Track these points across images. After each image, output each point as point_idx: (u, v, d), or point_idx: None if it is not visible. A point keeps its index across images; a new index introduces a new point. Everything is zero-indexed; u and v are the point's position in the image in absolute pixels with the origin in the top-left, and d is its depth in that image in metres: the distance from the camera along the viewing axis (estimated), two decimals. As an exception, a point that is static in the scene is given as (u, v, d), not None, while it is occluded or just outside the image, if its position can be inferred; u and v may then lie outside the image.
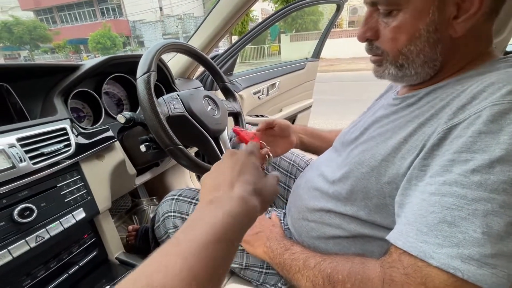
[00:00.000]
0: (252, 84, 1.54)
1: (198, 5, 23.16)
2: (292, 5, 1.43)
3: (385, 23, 0.41)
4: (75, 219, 0.59)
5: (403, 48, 0.40)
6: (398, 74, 0.44)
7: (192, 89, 0.93)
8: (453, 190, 0.30)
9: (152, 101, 0.56)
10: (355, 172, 0.46)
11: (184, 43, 0.74)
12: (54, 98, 0.64)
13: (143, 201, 1.29)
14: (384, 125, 0.47)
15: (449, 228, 0.30)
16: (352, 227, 0.47)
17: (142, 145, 0.66)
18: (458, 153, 0.32)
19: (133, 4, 21.10)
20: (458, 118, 0.34)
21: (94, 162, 0.67)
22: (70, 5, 22.16)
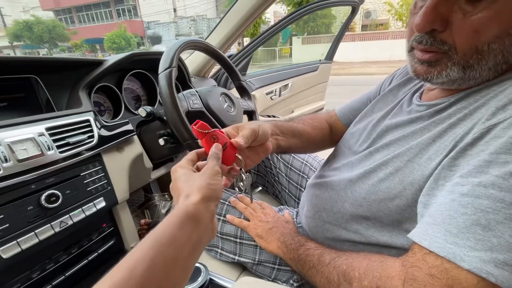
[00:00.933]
0: (265, 84, 1.55)
1: (211, 7, 23.45)
2: (307, 7, 1.44)
3: (467, 11, 0.33)
4: (96, 208, 0.61)
5: (484, 44, 0.33)
6: (456, 77, 0.37)
7: (209, 87, 0.95)
8: (489, 193, 0.29)
9: (173, 96, 0.58)
10: (379, 173, 0.44)
11: (203, 41, 0.76)
12: (80, 91, 0.67)
13: (155, 196, 1.31)
14: (408, 129, 0.45)
15: (482, 231, 0.28)
16: (370, 233, 0.45)
17: (160, 139, 0.68)
18: (496, 154, 0.30)
19: (148, 5, 21.58)
20: (497, 118, 0.32)
21: (114, 154, 0.69)
22: (88, 6, 22.86)
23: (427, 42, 0.37)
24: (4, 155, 0.47)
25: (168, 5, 22.81)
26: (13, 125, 0.52)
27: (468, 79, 0.37)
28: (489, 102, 0.35)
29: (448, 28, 0.35)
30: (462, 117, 0.37)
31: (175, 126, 0.59)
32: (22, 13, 25.06)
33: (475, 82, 0.38)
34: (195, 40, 0.72)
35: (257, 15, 0.99)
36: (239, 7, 0.98)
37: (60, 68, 0.69)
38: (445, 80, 0.38)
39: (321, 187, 0.59)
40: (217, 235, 0.68)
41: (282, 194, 0.90)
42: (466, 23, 0.33)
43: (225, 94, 0.77)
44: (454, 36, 0.35)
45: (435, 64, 0.38)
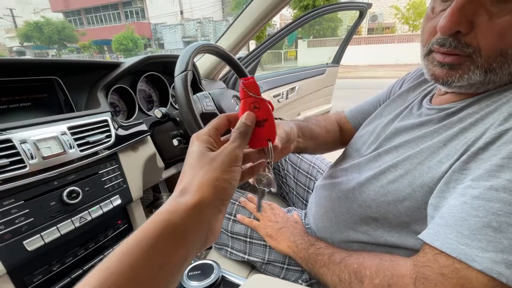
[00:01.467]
0: (272, 87, 1.57)
1: (217, 10, 23.64)
2: (315, 11, 1.46)
3: (493, 13, 0.33)
4: (113, 204, 0.63)
5: (509, 48, 0.33)
6: (477, 81, 0.37)
7: (221, 89, 0.97)
8: (500, 196, 0.30)
9: (188, 98, 0.60)
10: (388, 175, 0.45)
11: (216, 45, 0.78)
12: (98, 92, 0.70)
13: (164, 196, 1.34)
14: (417, 131, 0.45)
15: (494, 233, 0.29)
16: (378, 234, 0.46)
17: (174, 140, 0.71)
18: (508, 159, 0.31)
19: (155, 7, 21.85)
20: (509, 124, 0.32)
21: (130, 153, 0.72)
22: (96, 8, 23.26)
23: (451, 45, 0.36)
24: (30, 152, 0.50)
25: (175, 7, 23.07)
26: (37, 124, 0.54)
27: (488, 83, 0.37)
28: (501, 108, 0.35)
29: (473, 31, 0.34)
30: (474, 121, 0.37)
31: (190, 126, 0.61)
32: (33, 14, 25.59)
33: (493, 86, 0.38)
34: (209, 44, 0.75)
35: (268, 19, 1.01)
36: (250, 11, 1.01)
37: (80, 70, 0.72)
38: (465, 84, 0.38)
39: (329, 188, 0.59)
40: (227, 234, 0.70)
41: (289, 195, 0.91)
42: (492, 26, 0.33)
43: (236, 96, 0.79)
44: (479, 39, 0.34)
45: (457, 67, 0.37)
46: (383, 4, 15.45)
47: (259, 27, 1.04)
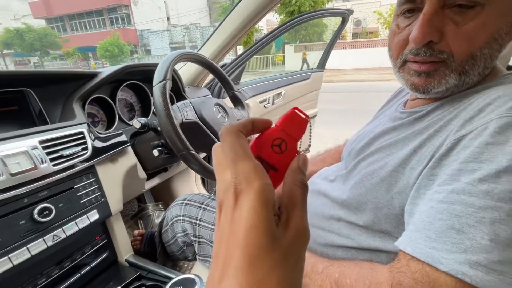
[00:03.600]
0: (258, 93, 1.57)
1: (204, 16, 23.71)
2: (299, 17, 1.48)
3: (459, 21, 0.35)
4: (89, 220, 0.61)
5: (477, 51, 0.36)
6: (453, 85, 0.39)
7: (203, 97, 0.96)
8: (461, 199, 0.31)
9: (167, 108, 0.59)
10: (366, 183, 0.46)
11: (197, 53, 0.77)
12: (73, 103, 0.67)
13: (149, 206, 1.30)
14: (392, 137, 0.47)
15: (457, 234, 0.30)
16: (362, 239, 0.46)
17: (155, 150, 0.69)
18: (466, 163, 0.32)
19: (141, 13, 21.68)
20: (465, 130, 0.34)
21: (108, 165, 0.69)
22: (80, 14, 22.83)
23: (426, 53, 0.38)
24: (-4, 169, 0.47)
25: (161, 14, 22.97)
26: (6, 139, 0.51)
27: (462, 85, 0.39)
28: (460, 114, 0.37)
29: (444, 39, 0.37)
30: (438, 128, 0.39)
31: (170, 137, 0.60)
32: (13, 21, 24.84)
33: (465, 86, 0.40)
34: (189, 52, 0.74)
35: (250, 26, 1.02)
36: (232, 19, 1.01)
37: (54, 80, 0.69)
38: (443, 89, 0.40)
39: (314, 194, 0.60)
40: (211, 245, 0.68)
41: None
42: (459, 32, 0.36)
43: (218, 104, 0.78)
44: (450, 45, 0.37)
45: (433, 73, 0.39)
46: (366, 10, 15.93)
47: (242, 34, 1.04)
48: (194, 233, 0.70)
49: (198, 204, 0.73)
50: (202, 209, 0.71)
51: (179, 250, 0.80)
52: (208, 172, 0.65)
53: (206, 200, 0.74)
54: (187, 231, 0.72)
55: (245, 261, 0.16)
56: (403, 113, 0.49)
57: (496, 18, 0.35)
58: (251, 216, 0.17)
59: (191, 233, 0.71)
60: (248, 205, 0.17)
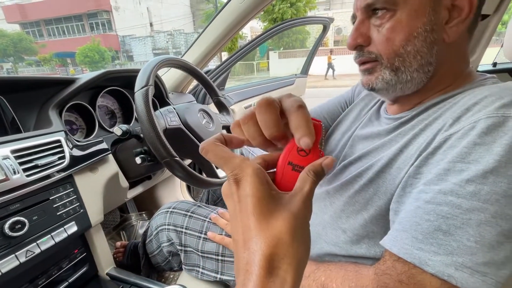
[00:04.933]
0: (243, 98, 1.58)
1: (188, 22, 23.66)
2: (281, 24, 1.51)
3: (379, 26, 0.41)
4: (67, 233, 0.57)
5: (399, 48, 0.40)
6: (392, 80, 0.42)
7: (187, 103, 0.95)
8: (448, 200, 0.31)
9: (150, 114, 0.57)
10: (354, 185, 0.46)
11: (180, 59, 0.77)
12: (50, 111, 0.64)
13: (132, 216, 1.26)
14: (377, 141, 0.47)
15: (444, 236, 0.30)
16: (348, 246, 0.46)
17: (137, 157, 0.67)
18: (453, 163, 0.32)
19: (123, 19, 21.30)
20: (453, 129, 0.35)
21: (88, 174, 0.66)
22: (58, 19, 22.07)
23: (359, 55, 0.44)
24: (-38, 181, 0.44)
25: (144, 20, 22.68)
26: (-27, 149, 0.48)
27: (405, 81, 0.42)
28: (445, 114, 0.38)
29: (372, 43, 0.42)
30: (423, 127, 0.40)
31: (153, 144, 0.58)
32: (-16, 26, 23.60)
33: (412, 84, 0.43)
34: (172, 58, 0.73)
35: (234, 33, 1.02)
36: (216, 25, 1.01)
37: (28, 87, 0.66)
38: (384, 85, 0.43)
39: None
40: (198, 254, 0.66)
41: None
42: (380, 35, 0.41)
43: (203, 110, 0.77)
44: (377, 47, 0.42)
45: (372, 71, 0.44)
46: (347, 18, 16.50)
47: (225, 40, 1.04)
48: (180, 241, 0.68)
49: (184, 211, 0.71)
50: (187, 217, 0.70)
51: (164, 260, 0.77)
52: (193, 178, 0.64)
53: (192, 207, 0.72)
54: (172, 240, 0.70)
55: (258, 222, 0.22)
56: (388, 119, 0.50)
57: (408, 20, 0.39)
58: (251, 189, 0.23)
59: (176, 242, 0.69)
60: (247, 183, 0.23)
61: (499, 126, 0.31)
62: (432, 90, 0.44)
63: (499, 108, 0.32)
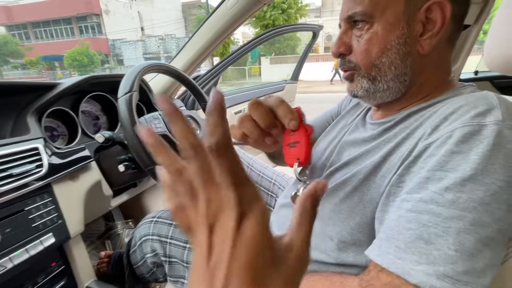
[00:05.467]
0: (233, 104, 1.57)
1: (180, 27, 23.66)
2: (272, 31, 1.52)
3: (359, 36, 0.43)
4: (43, 245, 0.54)
5: (375, 59, 0.42)
6: (370, 89, 0.44)
7: (174, 109, 0.93)
8: (428, 208, 0.31)
9: (133, 121, 0.56)
10: (339, 192, 0.46)
11: (166, 64, 0.75)
12: (28, 117, 0.62)
13: (118, 225, 1.22)
14: (363, 147, 0.48)
15: (425, 245, 0.30)
16: (336, 254, 0.46)
17: (120, 165, 0.65)
18: (433, 171, 0.33)
19: (113, 23, 21.10)
20: (432, 138, 0.35)
21: (68, 183, 0.64)
22: (46, 22, 21.66)
23: (343, 64, 0.46)
24: None
25: (135, 24, 22.54)
26: None
27: (382, 90, 0.44)
28: (425, 122, 0.39)
29: (353, 52, 0.44)
30: (406, 136, 0.41)
31: (136, 151, 0.57)
32: (-32, 28, 22.90)
33: (390, 92, 0.45)
34: (158, 63, 0.72)
35: (223, 38, 1.02)
36: (205, 30, 1.01)
37: (4, 92, 0.63)
38: (364, 93, 0.46)
39: (290, 207, 0.59)
40: (183, 265, 0.64)
41: (252, 215, 0.89)
42: (359, 45, 0.43)
43: (190, 116, 0.76)
44: (356, 57, 0.44)
45: (352, 79, 0.46)
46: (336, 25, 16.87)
47: (215, 46, 1.04)
48: (164, 252, 0.66)
49: (169, 221, 0.69)
50: (173, 226, 0.68)
51: (149, 271, 0.75)
52: (179, 186, 0.62)
53: (177, 216, 0.70)
54: (156, 251, 0.68)
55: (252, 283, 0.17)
56: (372, 124, 0.51)
57: (383, 33, 0.41)
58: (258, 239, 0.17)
59: (160, 253, 0.67)
60: (255, 228, 0.17)
61: (474, 135, 0.32)
62: (414, 97, 0.45)
63: (474, 117, 0.33)
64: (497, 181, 0.30)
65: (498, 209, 0.30)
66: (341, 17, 0.46)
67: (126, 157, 0.69)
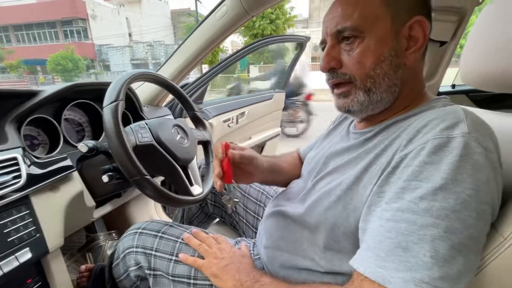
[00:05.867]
0: (222, 112, 1.57)
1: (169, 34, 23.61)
2: (261, 41, 1.55)
3: (349, 50, 0.44)
4: (19, 261, 0.51)
5: (370, 71, 0.43)
6: (365, 102, 0.46)
7: (161, 118, 0.92)
8: (405, 216, 0.33)
9: (118, 131, 0.55)
10: (324, 201, 0.47)
11: (154, 73, 0.75)
12: (6, 126, 0.59)
13: (100, 236, 1.17)
14: (346, 156, 0.50)
15: (403, 253, 0.32)
16: (323, 262, 0.47)
17: (104, 175, 0.63)
18: (408, 181, 0.35)
19: (100, 28, 20.78)
20: (407, 149, 0.38)
21: (47, 194, 0.61)
22: (29, 25, 21.03)
23: (332, 77, 0.47)
24: None
25: (123, 30, 22.29)
26: None
27: (375, 102, 0.46)
28: (401, 134, 0.41)
29: (344, 65, 0.46)
30: (384, 147, 0.43)
31: (121, 161, 0.55)
32: None
33: (382, 103, 0.46)
34: (145, 72, 0.71)
35: (211, 48, 1.03)
36: (193, 40, 1.01)
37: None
38: (359, 107, 0.46)
39: (279, 216, 0.60)
40: (168, 278, 0.63)
41: (239, 224, 0.88)
42: (351, 58, 0.44)
43: (177, 125, 0.75)
44: (349, 68, 0.45)
45: (347, 94, 0.47)
46: (323, 37, 17.50)
47: (203, 55, 1.05)
48: (149, 265, 0.64)
49: (154, 232, 0.67)
50: (158, 238, 0.66)
51: (132, 285, 0.72)
52: (165, 197, 0.61)
53: (163, 227, 0.68)
54: (140, 263, 0.65)
55: None
56: (355, 134, 0.53)
57: (375, 46, 0.43)
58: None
59: (145, 266, 0.64)
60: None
61: (444, 146, 0.34)
62: (395, 109, 0.47)
63: (444, 130, 0.35)
64: (466, 189, 0.32)
65: (468, 216, 0.31)
66: (327, 32, 0.47)
67: (111, 166, 0.67)
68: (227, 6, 0.91)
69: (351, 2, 0.44)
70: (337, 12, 0.45)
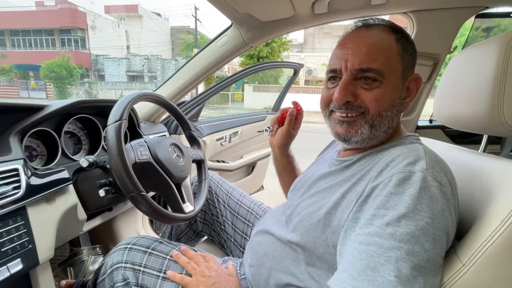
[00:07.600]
0: (215, 131, 1.62)
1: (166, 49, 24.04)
2: (257, 65, 1.65)
3: (367, 89, 0.48)
4: (10, 272, 0.52)
5: (384, 110, 0.48)
6: (366, 136, 0.50)
7: (159, 137, 0.96)
8: (374, 240, 0.38)
9: (120, 149, 0.58)
10: (305, 223, 0.51)
11: (156, 95, 0.80)
12: (10, 137, 0.62)
13: (84, 250, 1.15)
14: (328, 181, 0.55)
15: (372, 273, 0.36)
16: (305, 277, 0.50)
17: (101, 190, 0.65)
18: (378, 209, 0.40)
19: (99, 39, 20.99)
20: (378, 180, 0.43)
21: (43, 206, 0.63)
22: (26, 31, 21.01)
23: (347, 108, 0.50)
24: None
25: (121, 42, 22.59)
26: None
27: (373, 137, 0.51)
28: (374, 167, 0.47)
29: (358, 99, 0.49)
30: (360, 177, 0.48)
31: (120, 178, 0.58)
32: None
33: (375, 141, 0.52)
34: (149, 93, 0.76)
35: (210, 73, 1.10)
36: (194, 64, 1.08)
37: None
38: (359, 139, 0.51)
39: (264, 234, 0.63)
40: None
41: (227, 243, 0.90)
42: (370, 94, 0.48)
43: (174, 144, 0.79)
44: (365, 102, 0.49)
45: (353, 124, 0.50)
46: (317, 61, 18.23)
47: (201, 79, 1.11)
48: (137, 281, 0.65)
49: (144, 248, 0.68)
50: (147, 254, 0.67)
51: (117, 302, 0.71)
52: (158, 214, 0.64)
53: (153, 243, 0.70)
54: (128, 279, 0.66)
55: None
56: (337, 161, 0.58)
57: (391, 91, 0.49)
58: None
59: (132, 282, 0.65)
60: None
61: (407, 179, 0.40)
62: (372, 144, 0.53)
63: (407, 165, 0.41)
64: (424, 217, 0.37)
65: (426, 241, 0.36)
66: (347, 67, 0.49)
67: (107, 181, 0.69)
68: (228, 36, 1.00)
69: (377, 47, 0.48)
70: (361, 51, 0.48)
